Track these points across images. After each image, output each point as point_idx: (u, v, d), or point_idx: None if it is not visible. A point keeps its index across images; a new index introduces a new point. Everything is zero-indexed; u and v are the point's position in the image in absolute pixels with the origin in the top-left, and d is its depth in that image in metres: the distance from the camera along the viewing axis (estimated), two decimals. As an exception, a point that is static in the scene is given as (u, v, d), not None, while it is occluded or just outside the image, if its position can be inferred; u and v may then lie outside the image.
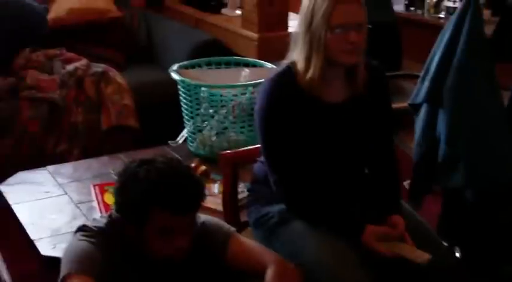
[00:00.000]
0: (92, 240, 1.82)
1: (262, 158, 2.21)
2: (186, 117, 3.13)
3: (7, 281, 2.23)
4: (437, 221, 2.79)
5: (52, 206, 2.62)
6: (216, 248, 1.91)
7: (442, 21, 4.36)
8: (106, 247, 1.81)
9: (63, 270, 1.78)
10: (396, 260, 2.01)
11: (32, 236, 2.41)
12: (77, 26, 4.16)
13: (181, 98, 3.12)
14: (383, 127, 2.21)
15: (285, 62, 2.15)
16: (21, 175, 2.86)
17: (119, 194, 1.81)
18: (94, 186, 2.72)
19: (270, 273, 1.87)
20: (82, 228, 1.87)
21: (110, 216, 1.90)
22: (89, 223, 1.90)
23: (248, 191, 2.33)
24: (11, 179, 2.82)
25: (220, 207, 2.44)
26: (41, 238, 2.40)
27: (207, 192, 1.88)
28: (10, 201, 2.64)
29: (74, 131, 3.67)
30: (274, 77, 2.12)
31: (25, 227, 2.47)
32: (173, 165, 1.80)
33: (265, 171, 2.18)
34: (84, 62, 3.90)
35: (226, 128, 3.08)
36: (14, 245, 2.57)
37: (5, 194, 2.69)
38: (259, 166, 2.27)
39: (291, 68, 2.11)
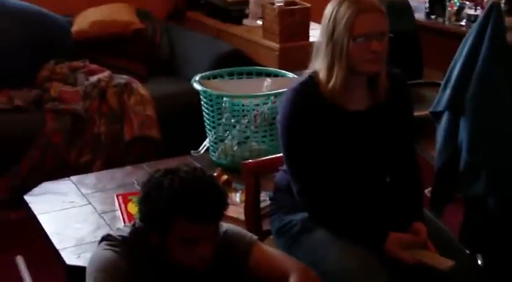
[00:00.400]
0: (116, 249, 1.83)
1: (284, 167, 2.22)
2: (208, 127, 3.14)
3: (33, 290, 2.25)
4: (460, 228, 2.78)
5: (76, 216, 2.64)
6: (239, 257, 1.92)
7: (463, 29, 4.34)
8: (130, 256, 1.83)
9: (88, 279, 1.80)
10: (419, 267, 2.01)
11: (57, 246, 2.43)
12: (100, 38, 4.20)
13: (203, 108, 3.14)
14: (405, 135, 2.21)
15: (307, 72, 2.16)
16: (45, 186, 2.89)
17: (143, 203, 1.82)
18: (117, 196, 2.74)
19: (292, 281, 1.87)
20: (106, 238, 1.88)
21: (133, 225, 1.91)
22: (113, 232, 1.92)
23: (270, 199, 2.34)
24: (35, 190, 2.85)
25: (242, 216, 2.45)
26: (66, 247, 2.42)
27: (229, 201, 1.88)
28: (35, 212, 2.66)
29: (96, 142, 3.71)
30: (296, 87, 2.13)
31: (50, 236, 2.49)
32: (197, 175, 1.81)
33: (288, 180, 2.19)
34: (106, 73, 3.94)
35: (248, 138, 3.09)
36: (39, 255, 2.59)
37: (30, 205, 2.72)
38: (281, 175, 2.28)
39: (313, 78, 2.12)
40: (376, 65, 2.06)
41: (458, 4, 4.58)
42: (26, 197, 2.78)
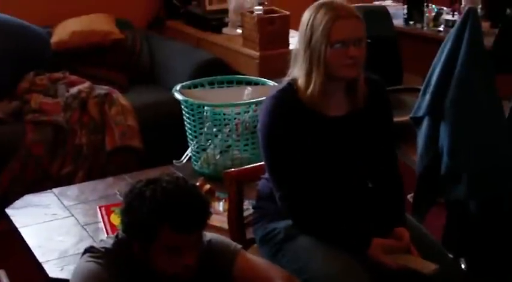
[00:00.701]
0: (99, 261, 1.82)
1: (266, 175, 2.23)
2: (190, 136, 3.14)
3: (16, 304, 2.23)
4: (442, 232, 2.79)
5: (59, 228, 2.63)
6: (223, 266, 1.92)
7: (441, 34, 4.37)
8: (113, 267, 1.82)
9: (72, 291, 1.79)
10: (403, 271, 2.02)
11: (40, 259, 2.42)
12: (80, 48, 4.19)
13: (184, 117, 3.14)
14: (385, 140, 2.22)
15: (286, 79, 2.17)
16: (27, 198, 2.88)
17: (126, 214, 1.82)
18: (100, 207, 2.73)
19: (277, 289, 1.87)
20: (89, 250, 1.87)
21: (116, 236, 1.90)
22: (96, 244, 1.91)
23: (253, 208, 2.34)
24: (17, 203, 2.83)
25: (225, 225, 2.45)
26: (49, 260, 2.40)
27: (212, 210, 1.88)
28: (17, 225, 2.65)
29: (78, 153, 3.69)
30: (275, 94, 2.14)
31: (32, 249, 2.48)
32: (179, 184, 1.81)
33: (270, 188, 2.19)
34: (87, 84, 3.92)
35: (230, 146, 3.09)
36: (22, 268, 2.57)
37: (11, 218, 2.70)
38: (263, 183, 2.28)
39: (292, 85, 2.13)
40: (354, 70, 2.07)
41: (436, 10, 4.61)
42: (8, 210, 2.76)
